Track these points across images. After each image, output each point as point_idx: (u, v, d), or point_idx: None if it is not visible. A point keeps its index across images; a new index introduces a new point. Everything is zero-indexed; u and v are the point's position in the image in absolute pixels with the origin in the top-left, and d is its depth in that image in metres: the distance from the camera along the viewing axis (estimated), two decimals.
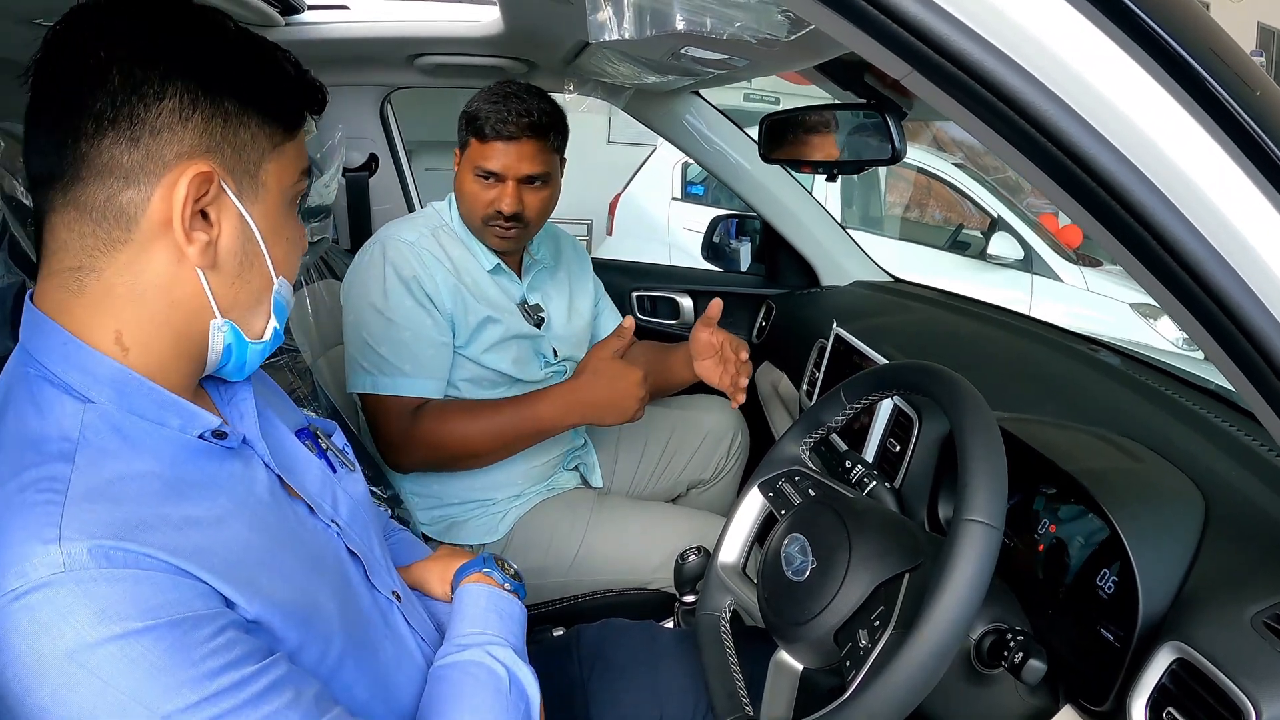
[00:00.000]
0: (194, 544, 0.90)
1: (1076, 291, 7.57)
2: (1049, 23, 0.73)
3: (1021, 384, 1.88)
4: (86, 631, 0.81)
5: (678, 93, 2.88)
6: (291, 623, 0.98)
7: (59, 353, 0.96)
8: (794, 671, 1.26)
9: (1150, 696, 1.09)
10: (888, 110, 1.93)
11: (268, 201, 1.03)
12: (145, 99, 0.91)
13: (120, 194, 0.93)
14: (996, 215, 7.80)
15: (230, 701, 0.86)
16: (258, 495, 1.05)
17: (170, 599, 0.85)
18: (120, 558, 0.84)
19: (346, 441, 1.37)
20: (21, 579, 0.81)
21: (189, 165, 0.94)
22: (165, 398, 0.99)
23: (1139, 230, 0.79)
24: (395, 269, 2.15)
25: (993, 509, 1.03)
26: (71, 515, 0.84)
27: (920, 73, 0.78)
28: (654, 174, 8.18)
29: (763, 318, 3.29)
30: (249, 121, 0.99)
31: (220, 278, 1.01)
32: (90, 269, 0.95)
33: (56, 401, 0.94)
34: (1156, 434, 1.47)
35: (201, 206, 0.96)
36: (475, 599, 1.33)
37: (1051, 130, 0.75)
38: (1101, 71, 0.74)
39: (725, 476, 2.84)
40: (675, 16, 1.12)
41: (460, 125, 2.24)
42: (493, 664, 1.21)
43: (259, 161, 1.01)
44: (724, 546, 1.49)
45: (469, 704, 1.16)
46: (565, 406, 2.15)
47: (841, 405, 1.42)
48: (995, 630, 1.17)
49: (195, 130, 0.94)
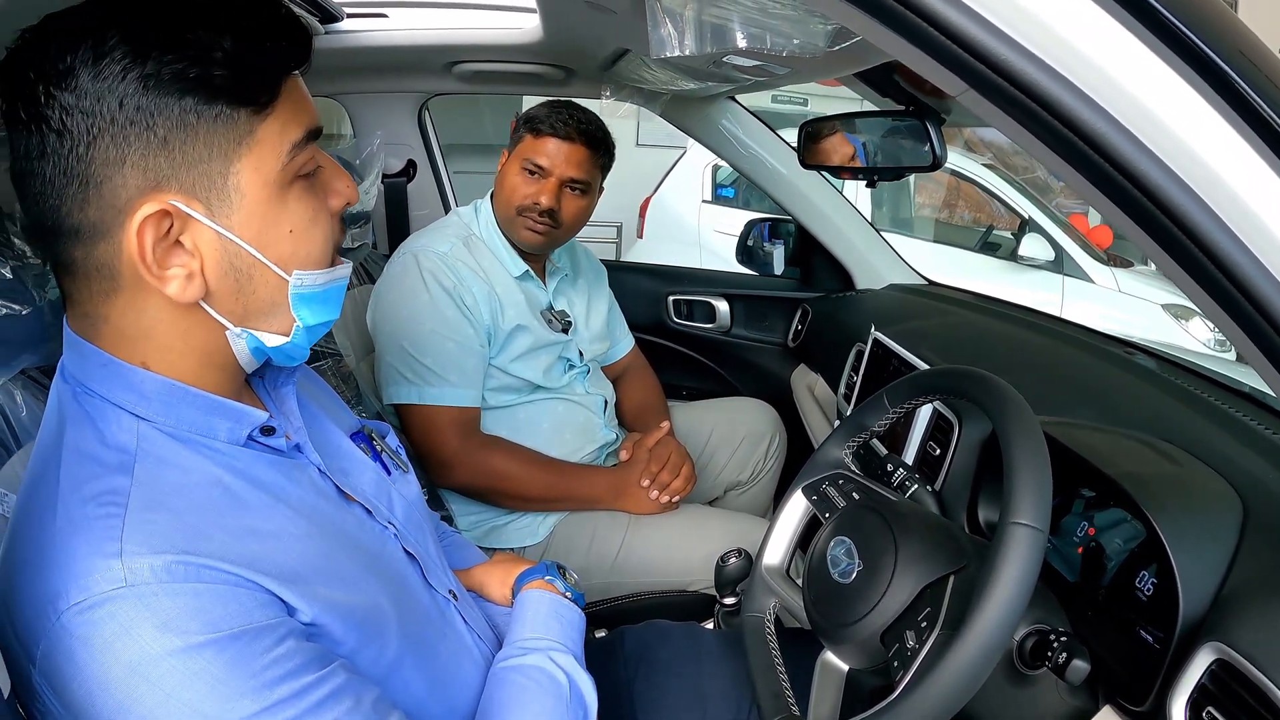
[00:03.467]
0: (253, 552, 0.92)
1: (1108, 293, 7.53)
2: (1101, 42, 0.75)
3: (1059, 387, 1.88)
4: (149, 645, 0.82)
5: (714, 98, 2.89)
6: (350, 624, 0.99)
7: (99, 374, 0.96)
8: (840, 672, 1.27)
9: (1190, 696, 1.09)
10: (927, 117, 1.93)
11: (247, 206, 0.95)
12: (77, 152, 0.87)
13: (93, 251, 0.91)
14: (1027, 216, 7.76)
15: (291, 710, 0.87)
16: (313, 501, 1.06)
17: (231, 610, 0.86)
18: (181, 571, 0.85)
19: (400, 443, 1.38)
20: (84, 594, 0.82)
21: (139, 207, 0.89)
22: (211, 401, 0.99)
23: (1179, 235, 0.81)
24: (436, 279, 2.18)
25: (1039, 512, 1.04)
26: (132, 529, 0.86)
27: (976, 90, 0.79)
28: (684, 176, 8.20)
29: (798, 321, 3.30)
30: (194, 129, 0.90)
31: (220, 299, 0.98)
32: (96, 315, 0.96)
33: (112, 417, 0.95)
34: (1193, 437, 1.47)
35: (175, 238, 0.92)
36: (537, 605, 1.35)
37: (1104, 146, 0.76)
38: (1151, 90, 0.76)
39: (763, 478, 2.85)
40: (737, 34, 1.14)
41: (516, 126, 2.32)
42: (554, 670, 1.23)
43: (223, 170, 0.93)
44: (768, 549, 1.51)
45: (530, 709, 1.18)
46: (616, 489, 2.30)
47: (885, 409, 1.43)
48: (1037, 631, 1.17)
49: (135, 168, 0.89)
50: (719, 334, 3.43)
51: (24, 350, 1.18)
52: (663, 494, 2.29)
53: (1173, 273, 0.85)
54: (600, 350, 2.65)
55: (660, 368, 2.92)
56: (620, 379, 2.78)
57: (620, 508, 2.28)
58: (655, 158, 8.51)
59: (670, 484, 2.30)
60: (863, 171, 2.36)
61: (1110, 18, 0.75)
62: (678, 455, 2.36)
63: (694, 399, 3.17)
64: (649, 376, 2.86)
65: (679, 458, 2.36)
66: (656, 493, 2.28)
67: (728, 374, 3.48)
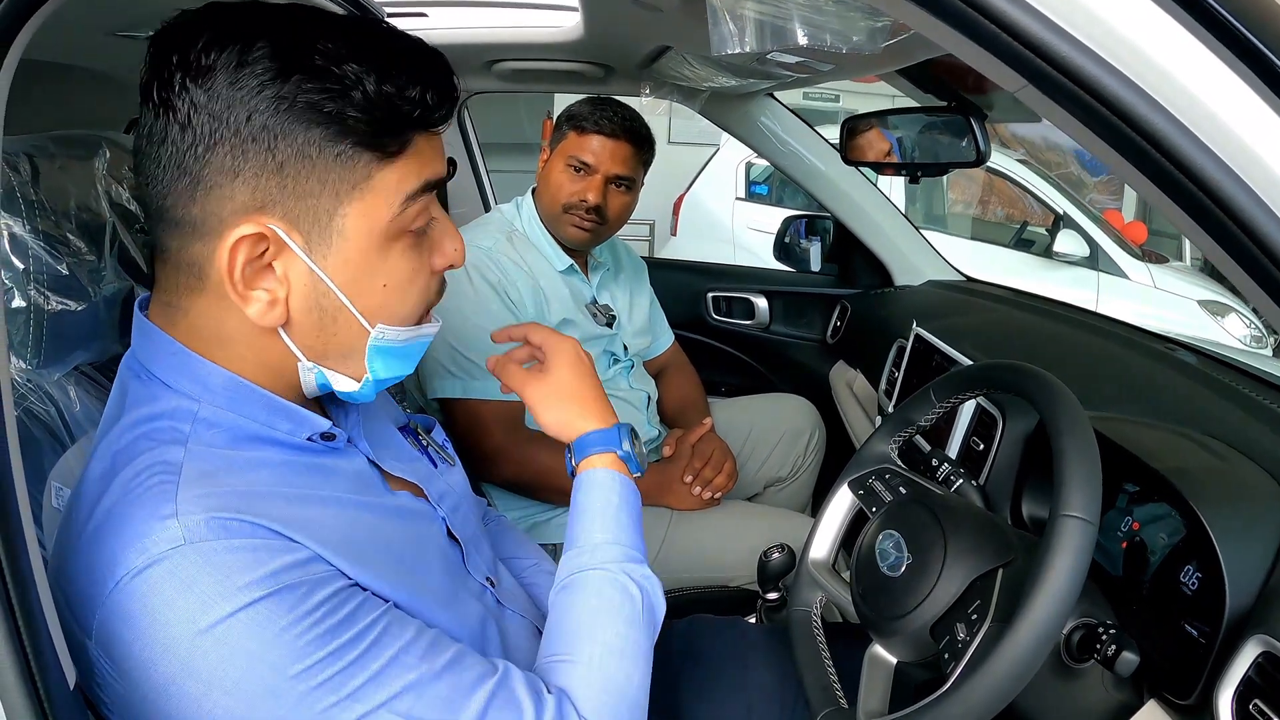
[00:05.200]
0: (305, 518, 0.92)
1: (1144, 289, 7.49)
2: (1158, 37, 0.75)
3: (1102, 383, 1.87)
4: (210, 600, 0.83)
5: (753, 95, 2.90)
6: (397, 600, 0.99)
7: (167, 362, 0.97)
8: (889, 665, 1.27)
9: (1237, 689, 1.09)
10: (970, 112, 1.93)
11: (347, 250, 0.94)
12: (195, 151, 0.87)
13: (189, 246, 0.92)
14: (1061, 212, 7.72)
15: (353, 652, 0.88)
16: (361, 487, 1.07)
17: (288, 563, 0.87)
18: (237, 528, 0.86)
19: (446, 437, 1.39)
20: (143, 555, 0.83)
21: (239, 224, 0.89)
22: (276, 403, 1.00)
23: (1235, 231, 0.80)
24: (481, 274, 2.19)
25: (1089, 505, 1.04)
26: (186, 493, 0.86)
27: (1035, 86, 0.80)
28: (717, 174, 8.21)
29: (837, 317, 3.30)
30: (312, 165, 0.90)
31: (299, 331, 0.98)
32: (178, 307, 0.97)
33: (170, 399, 0.96)
34: (1236, 431, 1.47)
35: (268, 261, 0.92)
36: (608, 493, 1.27)
37: (1162, 142, 0.77)
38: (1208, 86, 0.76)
39: (803, 474, 2.84)
40: (797, 31, 1.14)
41: (559, 124, 2.33)
42: (629, 584, 1.18)
43: (331, 209, 0.92)
44: (814, 543, 1.51)
45: (605, 633, 1.13)
46: (659, 485, 2.29)
47: (931, 404, 1.43)
48: (1084, 625, 1.17)
49: (246, 185, 0.89)
50: (758, 330, 3.44)
51: (78, 347, 1.19)
52: (705, 490, 2.29)
53: (1228, 268, 0.85)
54: (643, 345, 2.67)
55: (700, 364, 2.93)
56: (661, 375, 2.79)
57: (663, 503, 2.28)
58: (688, 155, 8.52)
59: (713, 480, 2.31)
60: (905, 167, 2.37)
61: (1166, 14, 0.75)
62: (720, 452, 2.37)
63: (733, 395, 3.18)
64: (690, 373, 2.87)
65: (722, 454, 2.37)
66: (699, 489, 2.29)
67: (767, 370, 3.49)
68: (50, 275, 1.11)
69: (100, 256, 1.21)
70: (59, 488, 1.10)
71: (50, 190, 1.13)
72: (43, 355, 1.12)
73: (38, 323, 1.10)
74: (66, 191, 1.17)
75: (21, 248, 1.08)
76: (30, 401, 1.11)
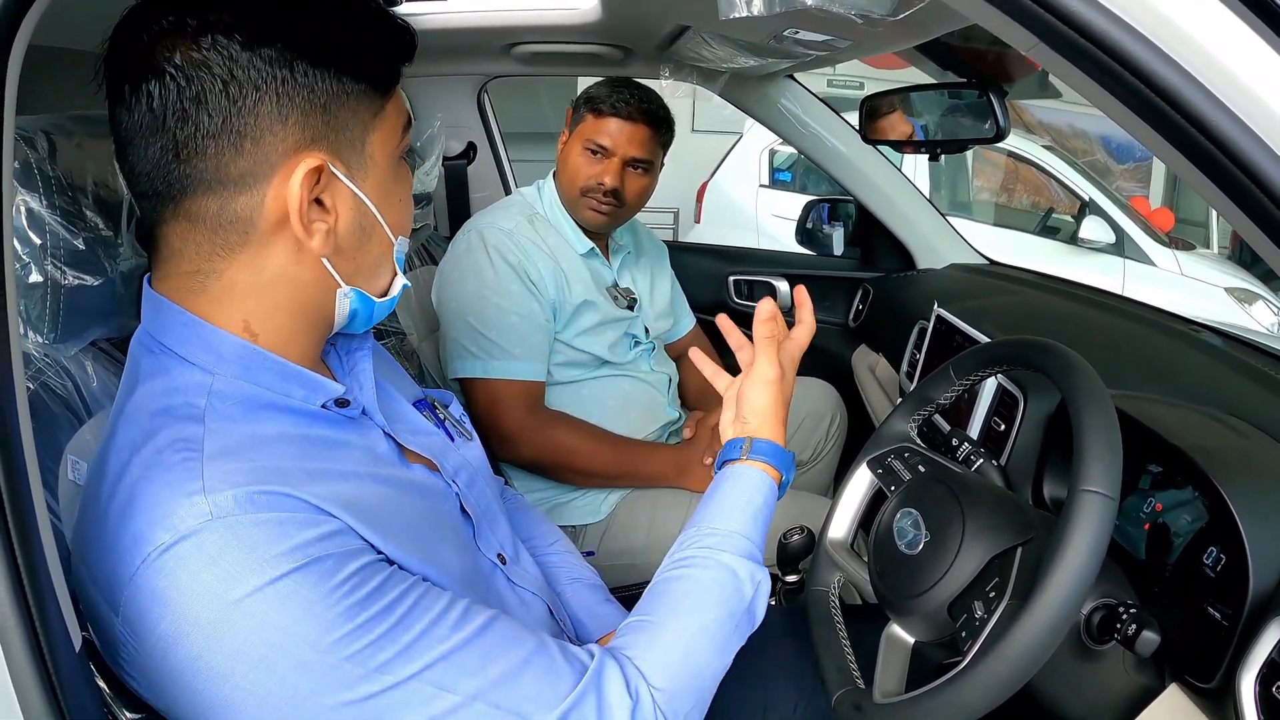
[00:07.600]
0: (329, 489, 0.93)
1: (1170, 275, 7.44)
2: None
3: (1125, 363, 1.87)
4: (239, 574, 0.83)
5: (772, 77, 2.88)
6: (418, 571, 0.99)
7: (180, 333, 0.98)
8: (906, 645, 1.26)
9: (1260, 672, 1.08)
10: (991, 89, 1.93)
11: (377, 172, 1.04)
12: (239, 106, 0.91)
13: (233, 202, 0.94)
14: (1087, 198, 7.69)
15: (384, 624, 0.88)
16: (377, 460, 1.07)
17: (315, 535, 0.87)
18: (264, 501, 0.86)
19: (463, 412, 1.39)
20: (170, 531, 0.83)
21: (298, 161, 0.94)
22: (289, 369, 1.01)
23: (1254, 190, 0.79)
24: (501, 255, 2.19)
25: (1109, 480, 1.03)
26: (211, 469, 0.87)
27: (1046, 43, 0.79)
28: (741, 161, 8.21)
29: (859, 301, 3.29)
30: (346, 99, 0.98)
31: (342, 257, 1.03)
32: (209, 271, 0.97)
33: (183, 372, 0.97)
34: (1261, 413, 1.46)
35: (316, 195, 0.97)
36: (754, 493, 1.28)
37: (1176, 98, 0.76)
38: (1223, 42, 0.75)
39: (825, 457, 2.84)
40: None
41: (576, 106, 2.33)
42: (745, 582, 1.18)
43: (363, 136, 1.01)
44: (833, 522, 1.50)
45: (700, 616, 1.13)
46: (680, 467, 2.28)
47: (950, 382, 1.42)
48: (1105, 605, 1.17)
49: (297, 125, 0.94)
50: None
51: (95, 322, 1.19)
52: None
53: (1248, 231, 0.84)
54: (664, 327, 2.66)
55: (721, 348, 2.92)
56: (683, 358, 2.77)
57: (683, 485, 2.27)
58: (712, 143, 8.51)
59: None
60: (925, 145, 2.36)
61: None
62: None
63: None
64: (712, 356, 2.85)
65: None
66: None
67: None
68: (67, 250, 1.11)
69: (117, 232, 1.21)
70: (75, 461, 1.10)
71: (68, 167, 1.13)
72: (59, 330, 1.12)
73: (54, 297, 1.10)
74: (84, 168, 1.17)
75: (39, 223, 1.08)
76: (47, 376, 1.11)
